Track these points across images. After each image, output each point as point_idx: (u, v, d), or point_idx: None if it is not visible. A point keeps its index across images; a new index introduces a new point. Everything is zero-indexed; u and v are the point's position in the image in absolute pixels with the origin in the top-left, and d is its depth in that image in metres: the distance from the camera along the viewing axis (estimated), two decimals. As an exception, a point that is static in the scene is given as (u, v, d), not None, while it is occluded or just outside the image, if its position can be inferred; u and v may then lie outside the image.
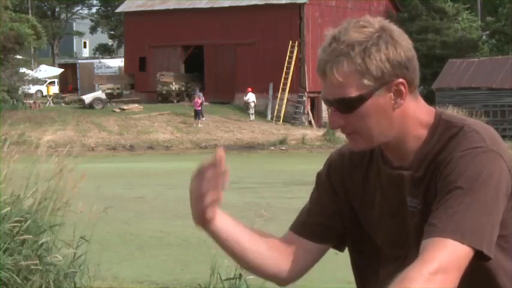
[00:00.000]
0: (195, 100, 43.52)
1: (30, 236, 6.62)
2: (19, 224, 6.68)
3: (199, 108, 43.07)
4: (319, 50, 2.12)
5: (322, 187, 2.35)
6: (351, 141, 2.15)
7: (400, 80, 2.09)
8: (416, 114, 2.15)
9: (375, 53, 2.06)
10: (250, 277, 6.26)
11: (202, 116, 43.04)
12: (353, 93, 2.07)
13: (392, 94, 2.10)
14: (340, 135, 39.61)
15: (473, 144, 2.07)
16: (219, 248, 2.25)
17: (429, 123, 2.17)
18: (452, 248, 1.96)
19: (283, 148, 39.06)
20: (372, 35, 2.07)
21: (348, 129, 2.12)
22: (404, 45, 2.10)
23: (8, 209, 6.73)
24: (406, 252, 2.18)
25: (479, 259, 2.01)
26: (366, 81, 2.06)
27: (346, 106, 2.08)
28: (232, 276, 6.20)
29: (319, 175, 2.38)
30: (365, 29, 2.08)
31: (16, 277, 6.46)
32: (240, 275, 6.13)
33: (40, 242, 6.75)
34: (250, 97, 45.31)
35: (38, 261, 6.53)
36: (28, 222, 6.76)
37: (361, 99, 2.07)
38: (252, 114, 44.96)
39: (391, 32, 2.09)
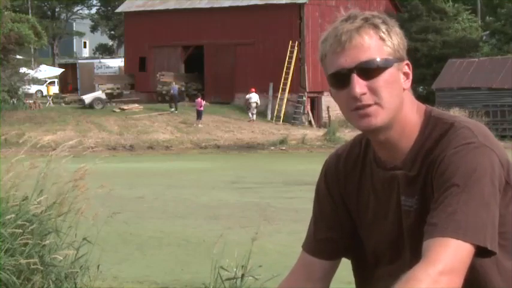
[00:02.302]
0: (197, 100, 43.63)
1: (31, 241, 6.60)
2: (22, 228, 6.66)
3: (201, 108, 43.14)
4: (333, 28, 2.13)
5: (322, 197, 2.37)
6: (366, 118, 2.10)
7: (407, 61, 2.16)
8: (412, 109, 2.18)
9: (393, 26, 2.14)
10: (250, 277, 6.26)
11: (200, 118, 43.14)
12: (379, 56, 2.10)
13: (402, 74, 2.15)
14: (340, 135, 39.62)
15: (465, 140, 2.09)
16: (220, 248, 2.26)
17: (420, 120, 2.19)
18: (455, 247, 1.97)
19: (283, 148, 39.03)
20: (383, 15, 2.16)
21: (368, 99, 2.09)
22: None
23: (13, 215, 6.72)
24: (401, 253, 2.19)
25: (482, 256, 2.01)
26: (386, 49, 2.11)
27: (372, 70, 2.09)
28: (233, 276, 6.19)
29: (317, 186, 2.39)
30: (373, 12, 2.17)
31: (16, 280, 6.45)
32: (243, 275, 6.13)
33: (43, 244, 6.75)
34: (253, 97, 45.28)
35: (37, 260, 6.52)
36: (34, 225, 6.75)
37: (386, 64, 2.10)
38: (253, 114, 44.94)
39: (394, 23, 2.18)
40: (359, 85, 2.08)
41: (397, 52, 2.12)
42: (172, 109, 45.14)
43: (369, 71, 2.08)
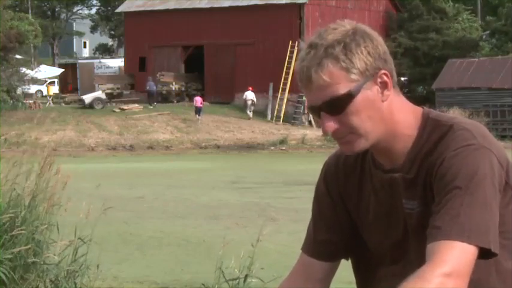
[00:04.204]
0: (195, 98, 43.78)
1: (24, 231, 6.59)
2: (12, 215, 6.66)
3: (201, 105, 43.33)
4: (297, 62, 2.13)
5: (322, 198, 2.36)
6: (347, 145, 2.12)
7: (383, 71, 2.11)
8: (403, 111, 2.16)
9: (355, 48, 2.08)
10: (253, 279, 6.25)
11: (199, 114, 43.42)
12: (342, 90, 2.07)
13: (378, 87, 2.11)
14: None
15: (464, 142, 2.08)
16: (221, 249, 2.26)
17: (417, 122, 2.17)
18: (461, 250, 1.97)
19: (283, 148, 39.05)
20: (347, 33, 2.10)
21: (342, 131, 2.10)
22: (378, 39, 2.13)
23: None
24: (405, 254, 2.18)
25: (484, 257, 2.01)
26: (352, 76, 2.07)
27: (337, 106, 2.07)
28: (236, 277, 6.18)
29: (317, 186, 2.39)
30: (338, 30, 2.11)
31: (13, 273, 6.45)
32: (246, 276, 6.11)
33: (36, 237, 6.74)
34: (248, 95, 45.47)
35: (32, 246, 6.51)
36: (22, 214, 6.76)
37: (351, 96, 2.07)
38: (250, 112, 45.06)
39: (363, 29, 2.12)
40: (329, 123, 2.08)
41: (365, 72, 2.08)
42: (151, 106, 45.45)
43: (334, 106, 2.07)
